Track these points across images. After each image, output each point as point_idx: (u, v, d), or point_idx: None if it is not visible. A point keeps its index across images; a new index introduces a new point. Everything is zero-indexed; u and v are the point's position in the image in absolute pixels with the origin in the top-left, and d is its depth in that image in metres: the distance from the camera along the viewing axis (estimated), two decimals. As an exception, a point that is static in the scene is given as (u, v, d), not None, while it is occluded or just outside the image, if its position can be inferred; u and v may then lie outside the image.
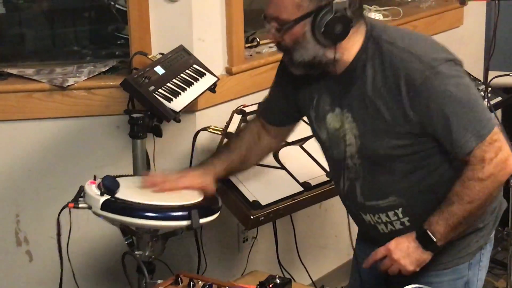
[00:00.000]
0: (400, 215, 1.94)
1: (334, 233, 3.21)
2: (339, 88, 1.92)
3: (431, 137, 1.86)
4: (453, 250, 1.94)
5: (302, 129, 2.29)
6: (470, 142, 1.78)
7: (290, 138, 2.41)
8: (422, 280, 1.89)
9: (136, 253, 1.95)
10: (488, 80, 3.18)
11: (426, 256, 1.85)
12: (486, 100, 3.07)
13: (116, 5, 2.93)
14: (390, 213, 1.95)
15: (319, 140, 2.08)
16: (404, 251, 1.87)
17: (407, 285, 1.76)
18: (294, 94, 2.06)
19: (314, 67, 1.87)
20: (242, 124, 2.52)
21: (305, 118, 2.19)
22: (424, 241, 1.85)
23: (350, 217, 2.14)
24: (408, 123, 1.84)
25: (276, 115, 2.15)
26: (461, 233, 1.90)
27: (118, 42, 2.92)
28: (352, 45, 1.86)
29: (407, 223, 1.93)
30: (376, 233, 2.01)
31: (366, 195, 1.97)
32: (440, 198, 1.88)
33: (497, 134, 1.81)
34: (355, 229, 2.19)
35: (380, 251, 1.90)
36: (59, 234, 1.96)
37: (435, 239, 1.83)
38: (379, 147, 1.90)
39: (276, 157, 2.47)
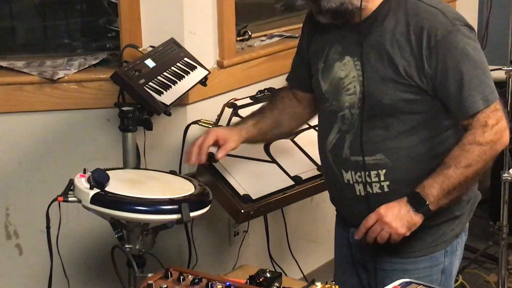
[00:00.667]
0: (382, 177, 1.93)
1: (325, 227, 3.21)
2: (354, 37, 1.93)
3: (437, 99, 1.88)
4: (429, 237, 1.96)
5: None
6: (477, 103, 1.81)
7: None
8: (399, 267, 1.93)
9: (126, 246, 1.93)
10: None
11: (418, 218, 1.85)
12: None
13: None
14: (373, 173, 1.94)
15: (319, 92, 2.07)
16: (395, 214, 1.87)
17: (383, 273, 1.88)
18: (309, 51, 2.07)
19: (341, 14, 1.87)
20: (234, 116, 2.52)
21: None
22: (416, 203, 1.85)
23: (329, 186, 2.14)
24: (420, 77, 1.86)
25: (303, 81, 2.15)
26: (452, 202, 1.91)
27: (109, 35, 2.91)
28: None
29: (386, 188, 1.93)
30: (351, 195, 2.01)
31: (353, 148, 1.95)
32: (426, 171, 1.89)
33: (500, 105, 1.85)
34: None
35: (371, 217, 1.90)
36: (48, 228, 1.96)
37: (427, 201, 1.84)
38: (384, 96, 1.91)
39: (267, 151, 2.47)
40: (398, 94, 1.89)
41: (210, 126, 2.54)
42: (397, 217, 1.87)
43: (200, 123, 2.58)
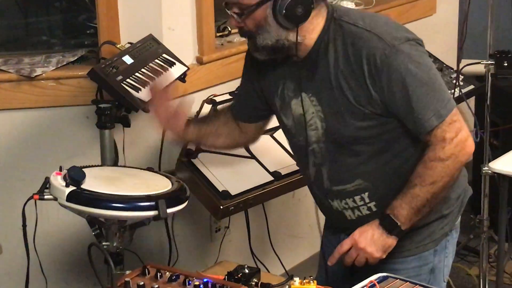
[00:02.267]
0: (367, 200, 1.94)
1: (307, 222, 3.21)
2: (303, 73, 1.91)
3: (395, 118, 1.86)
4: (418, 237, 1.95)
5: (273, 118, 2.24)
6: (430, 121, 1.79)
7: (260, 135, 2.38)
8: (387, 267, 1.89)
9: (103, 244, 1.93)
10: (459, 68, 3.18)
11: (391, 241, 1.86)
12: (458, 87, 3.07)
13: None
14: (357, 198, 1.94)
15: (285, 127, 2.06)
16: (369, 239, 1.87)
17: (373, 274, 1.77)
18: (260, 86, 2.05)
19: (278, 51, 1.86)
20: (215, 113, 2.48)
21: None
22: (388, 225, 1.85)
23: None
24: (371, 103, 1.84)
25: (248, 113, 2.15)
26: (425, 216, 1.90)
27: (88, 32, 2.89)
28: (313, 28, 1.85)
29: (374, 208, 1.93)
30: (343, 220, 2.01)
31: (332, 179, 1.95)
32: (403, 178, 1.88)
33: (457, 115, 1.82)
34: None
35: (346, 243, 1.90)
36: (24, 226, 1.95)
37: (398, 223, 1.83)
38: (344, 129, 1.89)
39: (247, 147, 2.44)
40: (357, 124, 1.89)
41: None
42: (371, 242, 1.89)
43: None
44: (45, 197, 1.89)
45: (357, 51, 1.81)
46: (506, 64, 3.13)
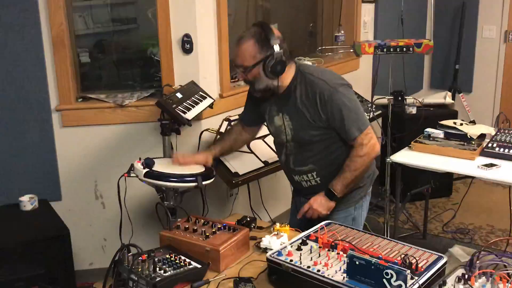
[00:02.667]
0: (315, 176, 2.29)
1: (284, 191, 3.54)
2: (281, 102, 2.23)
3: (334, 130, 2.18)
4: (345, 199, 2.32)
5: (264, 130, 2.66)
6: (355, 133, 2.13)
7: (257, 135, 2.71)
8: (329, 218, 2.23)
9: (165, 203, 2.22)
10: (373, 100, 3.85)
11: (332, 204, 2.25)
12: (372, 112, 3.59)
13: (155, 57, 3.32)
14: (309, 175, 2.29)
15: (271, 132, 2.38)
16: (319, 203, 2.24)
17: (321, 222, 2.09)
18: (258, 107, 2.36)
19: (267, 92, 2.18)
20: (228, 126, 2.87)
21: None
22: (330, 195, 2.22)
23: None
24: (321, 121, 2.14)
25: (249, 119, 2.47)
26: (352, 189, 2.27)
27: (155, 79, 3.30)
28: (287, 77, 2.17)
29: (319, 181, 2.29)
30: (301, 187, 2.36)
31: (295, 163, 2.28)
32: (339, 167, 2.23)
33: (370, 129, 2.17)
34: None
35: (306, 206, 2.26)
36: (118, 192, 2.23)
37: (336, 193, 2.21)
38: (304, 135, 2.20)
39: (248, 146, 2.81)
40: (312, 133, 2.19)
41: (214, 132, 2.93)
42: (320, 205, 2.23)
43: (209, 130, 3.03)
44: (131, 175, 2.20)
45: (313, 91, 2.13)
46: (399, 99, 3.81)
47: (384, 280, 1.59)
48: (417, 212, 4.41)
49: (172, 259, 1.94)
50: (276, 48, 2.06)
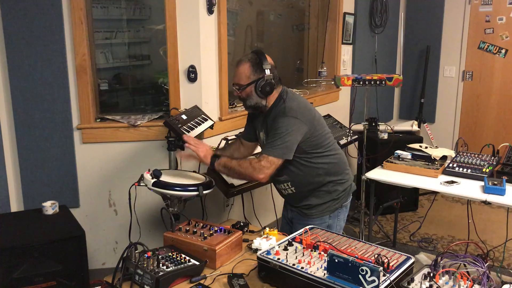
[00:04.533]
0: (290, 186, 2.30)
1: (274, 202, 3.40)
2: (264, 120, 2.26)
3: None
4: (320, 208, 2.31)
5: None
6: (265, 151, 2.12)
7: (255, 152, 2.61)
8: (306, 222, 2.22)
9: (170, 209, 2.24)
10: (350, 127, 3.85)
11: (209, 160, 2.19)
12: (350, 136, 3.56)
13: (165, 87, 3.27)
14: (285, 184, 2.30)
15: (259, 143, 2.40)
16: (205, 150, 2.23)
17: (299, 224, 2.17)
18: (253, 124, 2.38)
19: (256, 109, 2.21)
20: (225, 145, 2.80)
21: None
22: (213, 158, 2.21)
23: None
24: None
25: (247, 134, 2.47)
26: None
27: (164, 104, 3.29)
28: (273, 97, 2.19)
29: (294, 191, 2.30)
30: (282, 194, 2.39)
31: (274, 174, 2.22)
32: (312, 178, 2.20)
33: (274, 161, 2.09)
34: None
35: (193, 144, 2.22)
36: (129, 199, 2.26)
37: (216, 159, 2.17)
38: None
39: None
40: None
41: (214, 150, 2.63)
42: (204, 151, 2.24)
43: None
44: (141, 184, 2.20)
45: (276, 112, 2.16)
46: (373, 125, 3.78)
47: (360, 276, 1.56)
48: (388, 223, 4.39)
49: (174, 256, 1.93)
50: (267, 72, 2.10)
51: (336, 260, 1.61)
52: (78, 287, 2.38)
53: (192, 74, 2.99)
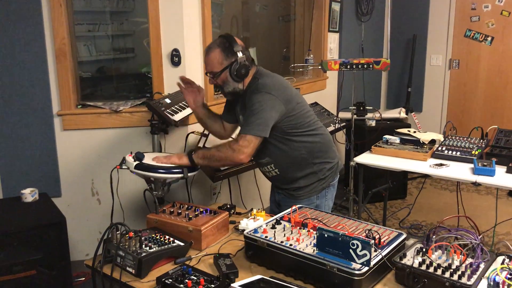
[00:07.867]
0: (273, 167, 2.26)
1: (260, 186, 3.51)
2: (242, 101, 2.22)
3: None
4: (307, 189, 2.26)
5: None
6: (242, 130, 2.06)
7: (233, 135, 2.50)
8: (294, 203, 2.13)
9: (154, 192, 2.17)
10: (338, 113, 3.88)
11: (186, 159, 2.11)
12: (338, 123, 3.55)
13: (148, 75, 3.27)
14: (268, 167, 2.27)
15: (239, 124, 2.26)
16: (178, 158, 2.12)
17: (287, 206, 2.06)
18: (232, 107, 2.35)
19: (234, 94, 2.17)
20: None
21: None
22: (189, 154, 2.14)
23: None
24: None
25: (227, 117, 2.44)
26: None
27: (148, 91, 3.30)
28: (248, 80, 2.15)
29: (278, 172, 2.26)
30: (267, 177, 2.35)
31: (256, 157, 2.25)
32: (295, 160, 2.15)
33: (252, 139, 2.02)
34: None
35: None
36: (111, 183, 2.23)
37: (194, 159, 2.12)
38: None
39: None
40: None
41: (199, 134, 2.85)
42: (180, 156, 2.14)
43: (194, 133, 2.98)
44: (123, 167, 2.13)
45: (251, 92, 2.10)
46: (361, 109, 3.76)
47: (351, 251, 1.51)
48: (377, 211, 4.39)
49: (157, 237, 1.88)
50: (240, 54, 2.06)
51: (326, 235, 1.56)
52: (59, 276, 2.35)
53: (175, 58, 2.96)
